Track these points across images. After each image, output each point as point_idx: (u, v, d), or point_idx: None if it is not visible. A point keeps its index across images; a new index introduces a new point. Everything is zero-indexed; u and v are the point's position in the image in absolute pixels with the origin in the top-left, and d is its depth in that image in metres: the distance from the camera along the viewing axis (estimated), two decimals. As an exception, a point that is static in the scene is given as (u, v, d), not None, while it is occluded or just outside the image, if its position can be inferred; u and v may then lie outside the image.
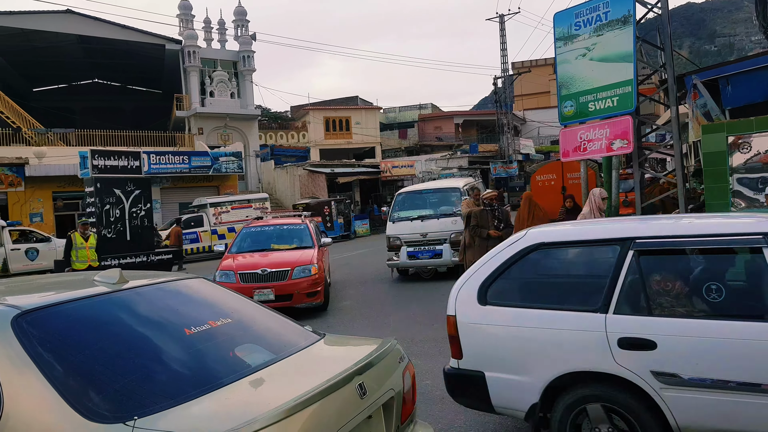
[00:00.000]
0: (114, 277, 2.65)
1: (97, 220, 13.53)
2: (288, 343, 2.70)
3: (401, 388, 2.62)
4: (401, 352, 2.81)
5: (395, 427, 2.54)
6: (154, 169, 24.80)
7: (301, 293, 9.15)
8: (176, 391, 2.03)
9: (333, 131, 42.95)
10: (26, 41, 32.32)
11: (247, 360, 2.45)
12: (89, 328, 2.33)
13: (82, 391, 1.91)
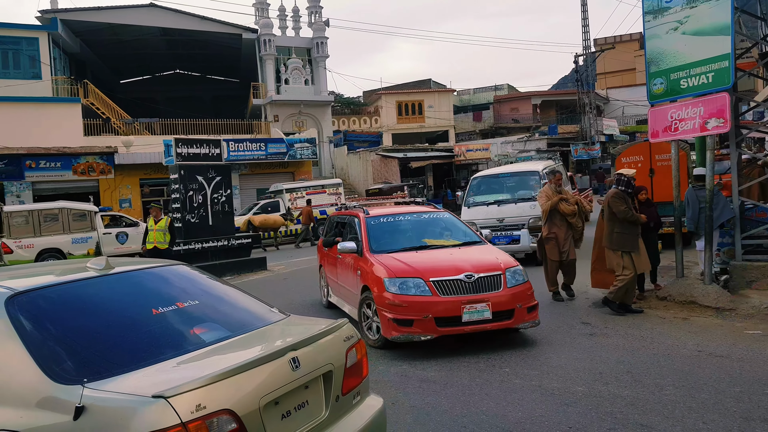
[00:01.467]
0: (102, 264, 3.08)
1: (181, 205, 13.99)
2: (246, 323, 3.08)
3: (342, 363, 2.96)
4: (350, 332, 3.14)
5: (335, 397, 2.89)
6: (233, 156, 25.51)
7: (523, 307, 6.35)
8: (130, 361, 2.43)
9: (405, 115, 42.71)
10: (113, 35, 33.97)
11: (204, 336, 2.82)
12: (69, 307, 2.77)
13: (52, 358, 2.36)
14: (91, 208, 20.08)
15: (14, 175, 22.64)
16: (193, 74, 44.28)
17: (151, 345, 2.65)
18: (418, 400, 4.93)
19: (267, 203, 23.80)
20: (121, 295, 3.01)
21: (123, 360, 2.45)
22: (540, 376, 5.36)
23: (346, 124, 41.18)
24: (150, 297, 3.05)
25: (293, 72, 34.90)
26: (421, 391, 5.17)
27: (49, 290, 2.81)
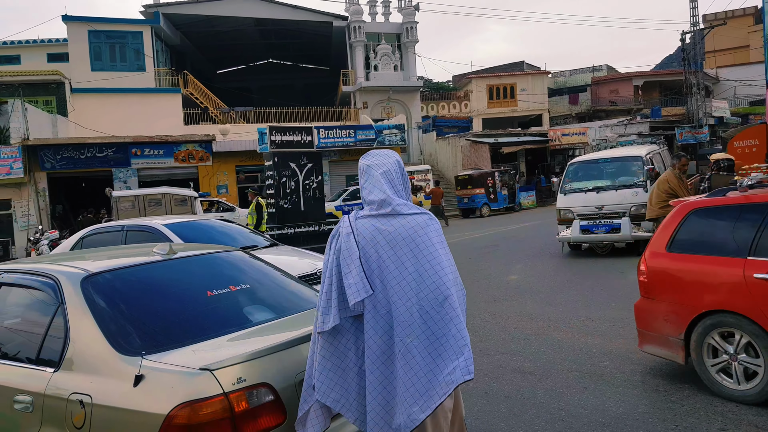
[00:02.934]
0: (165, 250, 3.42)
1: (275, 192, 14.29)
2: (292, 306, 3.33)
3: None
4: None
5: None
6: (324, 143, 25.84)
7: None
8: (184, 337, 2.72)
9: (497, 99, 41.66)
10: (211, 27, 35.32)
11: (251, 317, 3.12)
12: (134, 288, 3.09)
13: (118, 332, 2.67)
14: (191, 194, 20.97)
15: (122, 162, 24.06)
16: (285, 63, 45.32)
17: (203, 324, 2.94)
18: (512, 392, 4.85)
19: (356, 189, 23.97)
20: (181, 278, 3.35)
21: (178, 336, 2.75)
22: (643, 371, 5.14)
23: (435, 110, 40.73)
24: (206, 280, 3.35)
25: (382, 58, 34.85)
26: (515, 382, 5.09)
27: (119, 272, 3.16)
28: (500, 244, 14.86)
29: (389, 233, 2.53)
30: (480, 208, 25.39)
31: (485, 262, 12.18)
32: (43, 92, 27.28)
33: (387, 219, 2.58)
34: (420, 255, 2.50)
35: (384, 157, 2.74)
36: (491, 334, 6.62)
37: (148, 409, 2.37)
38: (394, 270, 2.50)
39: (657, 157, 13.02)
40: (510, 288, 9.40)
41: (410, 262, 2.48)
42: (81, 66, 29.10)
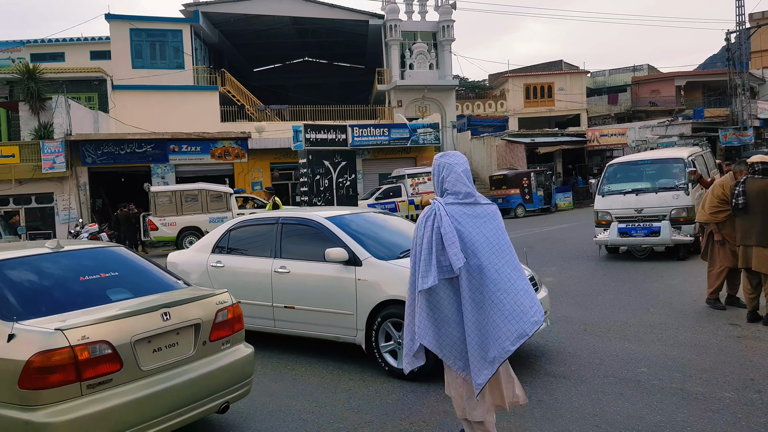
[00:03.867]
0: (54, 244, 4.29)
1: (308, 189, 14.39)
2: (149, 289, 4.27)
3: (211, 320, 4.13)
4: (225, 299, 4.32)
5: (202, 342, 4.06)
6: (357, 141, 25.86)
7: None
8: (53, 310, 3.67)
9: (533, 99, 41.08)
10: (248, 26, 35.71)
11: (111, 296, 4.04)
12: (22, 273, 3.96)
13: (3, 305, 3.59)
14: (226, 190, 21.24)
15: (160, 158, 24.50)
16: (320, 62, 45.55)
17: (72, 300, 3.86)
18: (546, 396, 4.77)
19: (389, 188, 23.89)
20: (62, 267, 4.21)
21: (49, 309, 3.69)
22: (682, 378, 4.98)
23: (470, 109, 40.39)
24: (82, 269, 4.24)
25: (418, 57, 34.70)
26: (549, 386, 4.99)
27: (11, 261, 4.01)
28: (535, 246, 14.60)
29: (475, 217, 3.32)
30: (515, 208, 25.06)
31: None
32: (86, 89, 27.99)
33: (471, 207, 3.37)
34: (498, 233, 3.33)
35: (461, 158, 3.51)
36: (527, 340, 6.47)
37: (15, 357, 3.29)
38: (483, 243, 3.25)
39: (699, 159, 12.61)
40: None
41: (493, 239, 3.29)
42: (122, 63, 29.75)
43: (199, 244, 7.27)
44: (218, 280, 6.55)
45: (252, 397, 4.95)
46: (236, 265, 6.57)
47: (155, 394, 3.62)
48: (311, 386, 5.35)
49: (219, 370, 4.09)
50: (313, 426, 4.44)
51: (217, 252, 6.80)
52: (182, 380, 3.81)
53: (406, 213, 23.25)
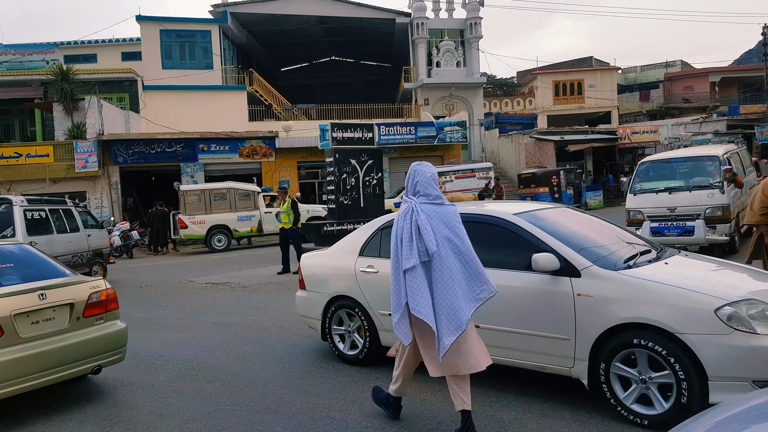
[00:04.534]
0: None
1: (335, 187, 14.37)
2: (38, 277, 5.20)
3: (84, 300, 5.19)
4: (99, 284, 5.43)
5: (76, 318, 5.11)
6: (384, 139, 25.78)
7: None
8: None
9: (563, 96, 40.47)
10: (276, 26, 35.92)
11: (3, 282, 4.97)
12: None
13: None
14: (254, 189, 21.39)
15: (189, 157, 24.79)
16: (347, 60, 45.60)
17: None
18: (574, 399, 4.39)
19: (416, 187, 23.76)
20: None
21: None
22: None
23: (498, 106, 39.99)
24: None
25: (445, 54, 34.45)
26: None
27: None
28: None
29: (440, 214, 4.06)
30: (544, 207, 24.71)
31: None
32: (117, 89, 28.47)
33: (438, 206, 4.09)
34: (456, 229, 4.05)
35: (431, 167, 4.24)
36: None
37: None
38: (446, 235, 4.01)
39: (735, 156, 12.25)
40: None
41: (452, 233, 4.03)
42: (152, 64, 30.18)
43: (341, 245, 6.18)
44: (371, 288, 5.52)
45: (280, 394, 5.04)
46: None
47: (31, 356, 4.71)
48: (339, 384, 5.31)
49: (91, 339, 5.18)
50: (341, 424, 4.41)
51: (367, 255, 5.68)
52: (57, 346, 4.90)
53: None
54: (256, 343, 7.04)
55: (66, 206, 12.56)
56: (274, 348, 6.73)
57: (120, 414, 4.94)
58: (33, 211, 11.23)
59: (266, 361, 6.21)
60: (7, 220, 10.68)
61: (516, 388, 4.94)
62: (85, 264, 12.46)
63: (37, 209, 11.41)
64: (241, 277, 12.81)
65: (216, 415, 4.75)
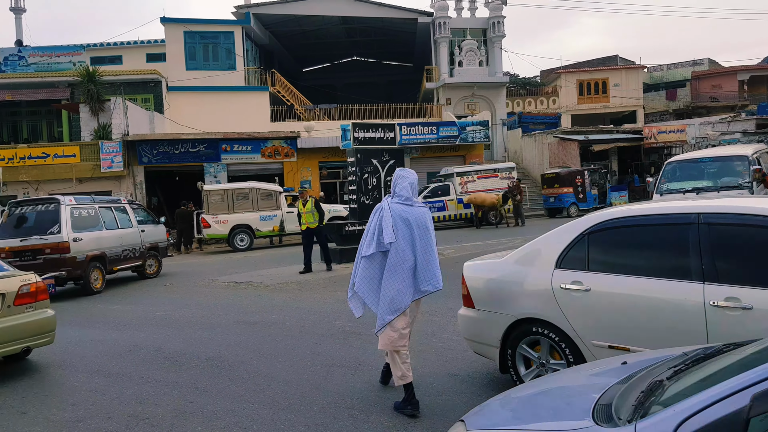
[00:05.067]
0: None
1: (356, 188, 14.34)
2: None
3: (15, 291, 6.10)
4: (31, 278, 6.35)
5: (7, 305, 6.01)
6: (405, 139, 25.72)
7: None
8: None
9: (587, 95, 40.00)
10: (298, 26, 36.09)
11: None
12: None
13: None
14: (276, 189, 21.49)
15: (212, 157, 25.00)
16: (369, 60, 45.65)
17: None
18: None
19: (437, 186, 23.67)
20: None
21: None
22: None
23: (521, 106, 39.67)
24: None
25: (467, 54, 34.27)
26: None
27: None
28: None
29: (408, 213, 4.62)
30: (567, 208, 24.42)
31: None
32: (142, 90, 28.83)
33: (407, 206, 4.67)
34: (422, 227, 4.63)
35: (413, 174, 4.83)
36: None
37: None
38: (407, 233, 4.58)
39: (765, 156, 11.96)
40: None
41: (416, 231, 4.59)
42: (176, 65, 30.51)
43: (524, 252, 4.88)
44: (579, 311, 4.25)
45: (303, 393, 5.03)
46: (618, 290, 4.06)
47: None
48: (361, 384, 5.29)
49: (21, 324, 6.07)
50: (363, 424, 4.39)
51: (569, 267, 4.37)
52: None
53: (455, 212, 23.02)
54: (278, 342, 7.03)
55: (119, 204, 13.85)
56: (296, 347, 6.70)
57: (145, 411, 4.95)
58: (81, 209, 12.16)
59: (288, 360, 6.19)
60: (55, 217, 11.61)
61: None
62: (138, 257, 13.76)
63: (86, 207, 12.38)
64: (263, 277, 12.86)
65: (239, 413, 4.75)
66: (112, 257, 12.73)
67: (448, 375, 5.40)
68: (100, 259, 12.30)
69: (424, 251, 4.54)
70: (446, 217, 22.99)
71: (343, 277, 11.97)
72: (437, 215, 22.55)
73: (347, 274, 12.24)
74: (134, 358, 6.73)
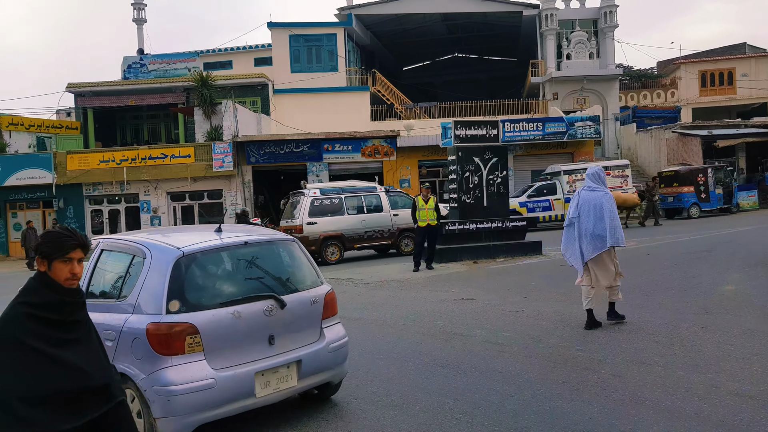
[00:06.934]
0: None
1: (457, 186, 14.00)
2: None
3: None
4: None
5: None
6: (509, 136, 24.89)
7: None
8: None
9: (710, 87, 37.02)
10: (399, 25, 36.17)
11: None
12: None
13: None
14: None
15: (315, 157, 25.49)
16: (470, 57, 44.97)
17: None
18: (728, 416, 4.13)
19: (543, 185, 22.69)
20: None
21: None
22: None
23: (635, 99, 37.37)
24: None
25: (576, 46, 32.74)
26: (732, 406, 4.30)
27: None
28: (713, 250, 12.88)
29: (589, 196, 6.65)
30: (688, 208, 22.57)
31: (694, 269, 10.56)
32: (250, 93, 30.03)
33: (591, 192, 6.68)
34: (599, 206, 6.56)
35: (591, 167, 6.94)
36: (702, 350, 5.70)
37: None
38: (590, 209, 6.60)
39: None
40: (725, 299, 7.94)
41: (595, 209, 6.55)
42: (282, 68, 31.52)
43: None
44: None
45: (405, 391, 5.00)
46: None
47: None
48: (464, 386, 5.05)
49: None
50: (467, 426, 4.24)
51: None
52: None
53: (562, 212, 21.95)
54: (379, 339, 6.91)
55: (374, 192, 16.53)
56: (397, 345, 6.55)
57: None
58: (323, 198, 15.76)
59: (389, 358, 6.06)
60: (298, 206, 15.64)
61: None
62: (386, 237, 16.17)
63: (330, 197, 15.81)
64: (363, 274, 12.80)
65: (342, 408, 4.77)
66: (352, 237, 15.64)
67: (555, 381, 5.04)
68: (336, 238, 15.52)
69: (604, 219, 6.49)
70: (552, 218, 21.95)
71: (443, 277, 11.64)
72: (542, 215, 21.61)
73: (448, 273, 11.98)
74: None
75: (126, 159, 24.93)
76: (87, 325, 2.50)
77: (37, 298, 2.34)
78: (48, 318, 2.33)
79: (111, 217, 25.64)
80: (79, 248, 2.40)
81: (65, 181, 24.82)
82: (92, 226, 25.34)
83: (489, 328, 7.07)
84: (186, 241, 4.35)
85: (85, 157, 25.38)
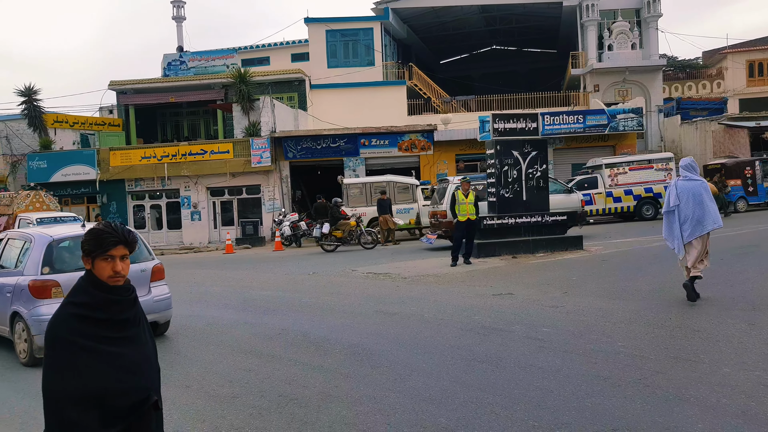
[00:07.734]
0: None
1: (496, 180, 13.89)
2: None
3: None
4: None
5: None
6: (548, 129, 24.54)
7: None
8: None
9: (758, 77, 35.65)
10: (436, 18, 35.93)
11: None
12: None
13: None
14: (413, 182, 21.51)
15: (351, 151, 25.61)
16: (509, 49, 44.36)
17: None
18: None
19: (584, 179, 22.31)
20: None
21: None
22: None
23: (679, 91, 36.31)
24: None
25: (618, 36, 31.96)
26: None
27: None
28: (762, 245, 12.53)
29: (686, 185, 7.44)
30: (734, 202, 21.92)
31: (741, 264, 10.30)
32: (288, 89, 30.30)
33: (688, 181, 7.47)
34: (698, 193, 7.38)
35: (684, 159, 7.79)
36: (749, 347, 5.59)
37: None
38: (690, 197, 7.39)
39: None
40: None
41: (695, 196, 7.35)
42: (319, 64, 31.69)
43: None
44: None
45: (443, 386, 5.00)
46: None
47: None
48: (503, 381, 5.05)
49: None
50: (506, 421, 4.22)
51: None
52: None
53: (603, 206, 21.57)
54: (417, 333, 6.94)
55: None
56: (435, 340, 6.57)
57: (293, 392, 5.13)
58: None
59: (428, 352, 6.08)
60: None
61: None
62: None
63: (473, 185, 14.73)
64: (400, 268, 12.84)
65: (382, 401, 4.77)
66: None
67: (597, 377, 4.99)
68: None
69: (702, 206, 7.26)
70: (593, 212, 21.58)
71: (481, 272, 11.60)
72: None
73: (486, 269, 11.93)
74: (283, 341, 7.01)
75: (167, 155, 25.50)
76: (139, 323, 2.39)
77: (84, 298, 2.26)
78: (95, 317, 2.23)
79: (153, 212, 26.33)
80: (121, 245, 2.27)
81: (108, 177, 25.55)
82: (134, 221, 26.03)
83: (528, 323, 7.04)
84: (57, 232, 7.31)
85: (127, 154, 26.05)
